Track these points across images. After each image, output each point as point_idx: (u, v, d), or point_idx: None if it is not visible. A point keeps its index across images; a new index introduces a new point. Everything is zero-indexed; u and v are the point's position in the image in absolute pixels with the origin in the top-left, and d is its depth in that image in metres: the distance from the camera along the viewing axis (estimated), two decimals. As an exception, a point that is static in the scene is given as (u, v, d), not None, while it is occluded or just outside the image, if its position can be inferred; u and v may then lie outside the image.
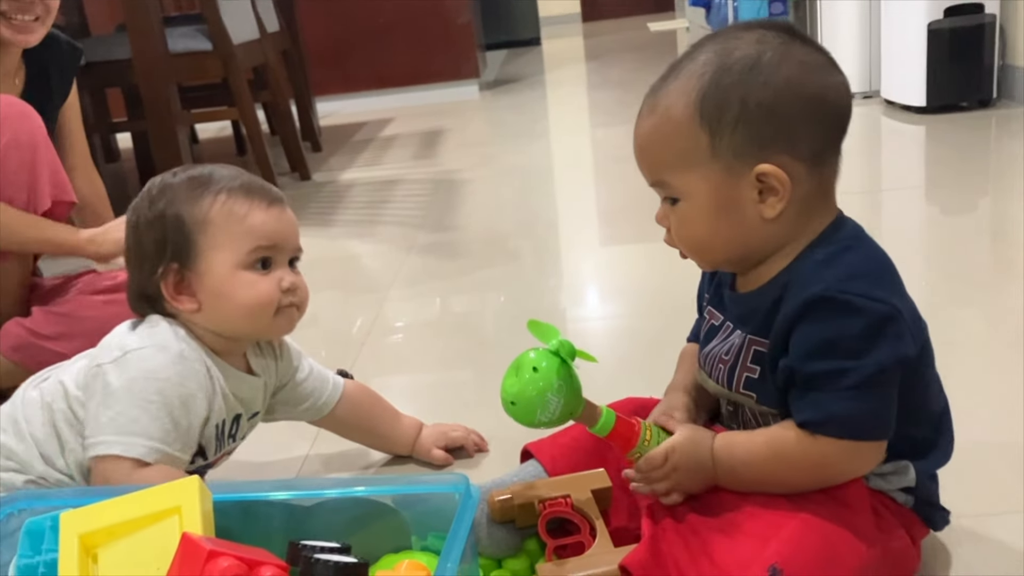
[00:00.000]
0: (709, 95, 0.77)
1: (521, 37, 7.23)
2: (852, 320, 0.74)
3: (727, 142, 0.77)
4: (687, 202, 0.80)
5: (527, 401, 0.79)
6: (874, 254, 0.80)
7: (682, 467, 0.82)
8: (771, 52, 0.77)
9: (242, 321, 0.98)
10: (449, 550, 0.65)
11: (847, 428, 0.76)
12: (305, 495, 0.77)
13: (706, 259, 0.85)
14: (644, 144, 0.83)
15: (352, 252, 2.30)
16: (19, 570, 0.74)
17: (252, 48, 2.85)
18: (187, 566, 0.64)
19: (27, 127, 1.43)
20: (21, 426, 0.97)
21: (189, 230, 0.96)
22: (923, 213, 2.15)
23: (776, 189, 0.77)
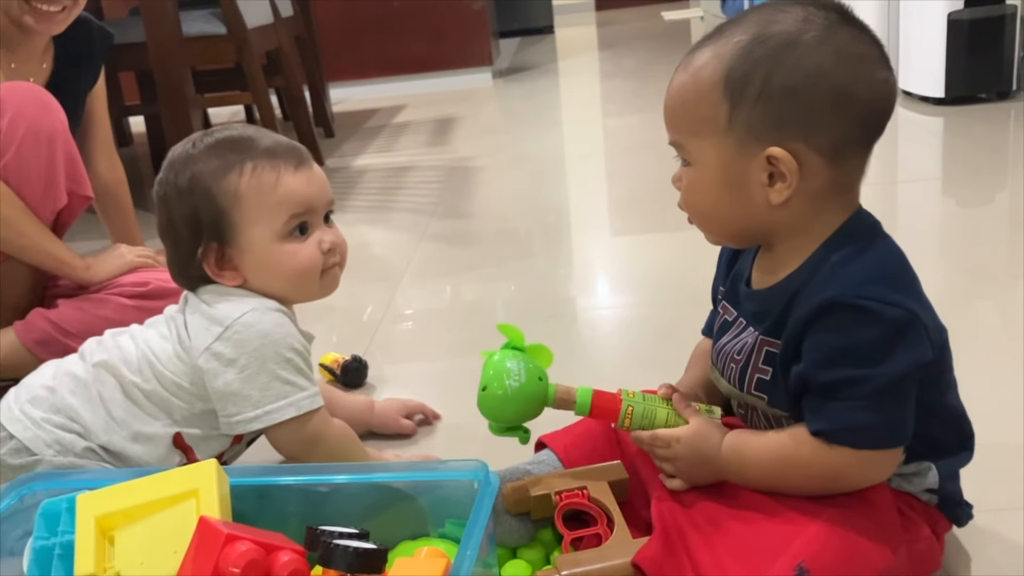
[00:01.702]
0: (738, 64, 0.74)
1: (534, 25, 7.19)
2: (868, 326, 0.72)
3: (744, 116, 0.74)
4: (696, 169, 0.79)
5: (493, 378, 0.83)
6: (891, 255, 0.77)
7: (684, 458, 0.82)
8: (813, 33, 0.73)
9: (290, 289, 1.00)
10: (469, 537, 0.64)
11: (864, 438, 0.74)
12: (322, 480, 0.77)
13: (710, 230, 0.84)
14: (671, 102, 0.80)
15: (365, 238, 2.29)
16: (35, 552, 0.74)
17: (266, 32, 2.84)
18: (204, 549, 0.64)
19: (47, 118, 1.42)
20: (92, 391, 0.98)
21: (221, 206, 0.96)
22: (940, 205, 2.13)
23: (785, 176, 0.74)
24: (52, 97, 1.47)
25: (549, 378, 0.87)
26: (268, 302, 0.98)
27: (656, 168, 2.66)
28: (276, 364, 0.94)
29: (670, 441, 0.83)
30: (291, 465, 0.82)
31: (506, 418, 0.85)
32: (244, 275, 0.98)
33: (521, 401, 0.84)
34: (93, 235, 2.06)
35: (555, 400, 0.86)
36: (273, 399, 0.94)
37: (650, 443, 0.84)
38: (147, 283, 1.51)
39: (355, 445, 1.02)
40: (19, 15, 1.55)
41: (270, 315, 0.96)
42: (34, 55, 1.67)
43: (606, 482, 0.89)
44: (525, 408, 0.85)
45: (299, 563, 0.65)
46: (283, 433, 0.95)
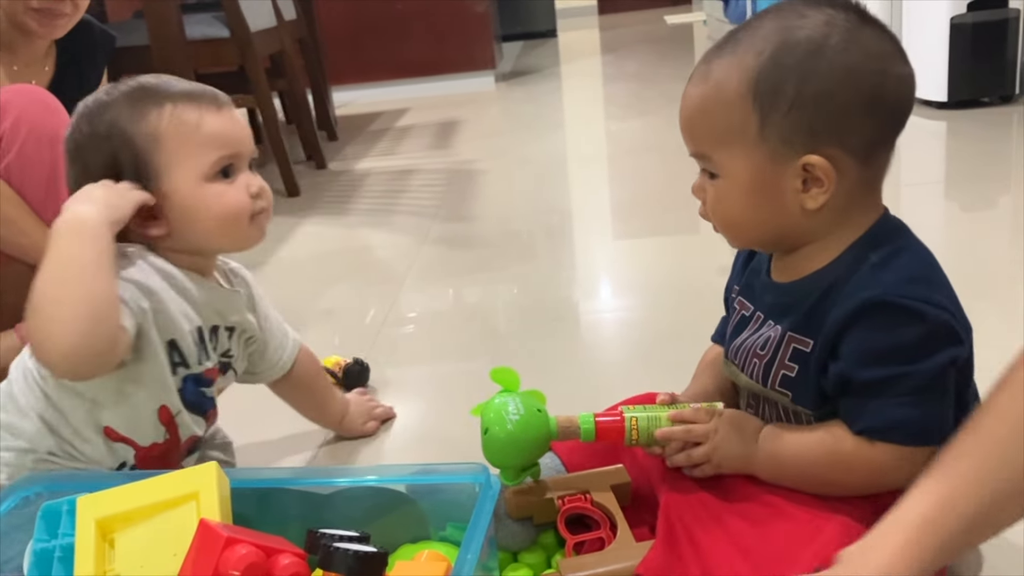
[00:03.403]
0: (766, 74, 0.73)
1: (537, 29, 7.21)
2: (911, 326, 0.72)
3: (777, 126, 0.74)
4: (726, 180, 0.78)
5: (491, 420, 0.83)
6: (925, 255, 0.78)
7: (723, 432, 0.81)
8: (838, 36, 0.73)
9: (217, 235, 0.95)
10: (470, 541, 0.64)
11: (907, 435, 0.74)
12: (323, 483, 0.77)
13: (737, 238, 0.83)
14: (691, 113, 0.79)
15: (368, 242, 2.29)
16: (35, 554, 0.74)
17: (269, 36, 2.85)
18: (204, 552, 0.64)
19: (50, 120, 1.42)
20: (19, 401, 0.93)
21: (141, 149, 0.91)
22: (942, 209, 2.13)
23: (821, 181, 0.74)
24: (55, 99, 1.47)
25: (548, 412, 0.86)
26: (153, 280, 0.91)
27: (659, 171, 2.67)
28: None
29: (712, 413, 0.82)
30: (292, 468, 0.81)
31: (514, 457, 0.83)
32: (169, 225, 0.93)
33: (524, 435, 0.82)
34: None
35: (559, 431, 0.85)
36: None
37: (691, 418, 0.83)
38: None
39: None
40: (21, 18, 1.55)
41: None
42: (36, 58, 1.67)
43: (609, 486, 0.89)
44: (530, 443, 0.83)
45: (299, 566, 0.65)
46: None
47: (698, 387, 0.94)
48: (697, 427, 0.83)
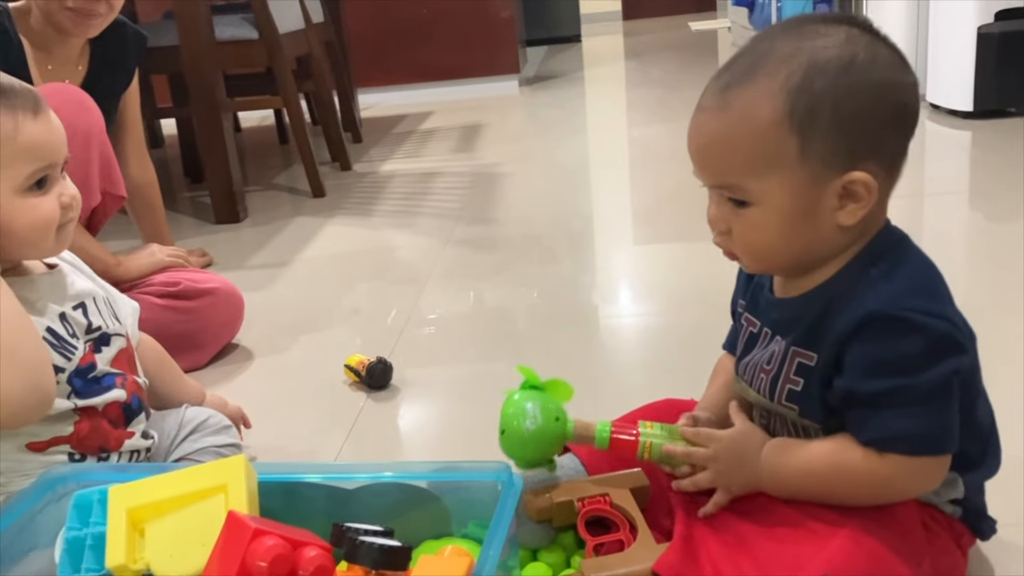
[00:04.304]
0: (802, 98, 0.72)
1: (562, 34, 7.21)
2: (913, 337, 0.72)
3: (817, 148, 0.73)
4: (760, 207, 0.76)
5: (511, 419, 0.84)
6: (927, 267, 0.78)
7: (724, 459, 0.81)
8: (862, 53, 0.73)
9: (24, 248, 0.91)
10: (492, 538, 0.65)
11: (916, 444, 0.74)
12: (348, 478, 0.78)
13: (764, 265, 0.82)
14: (713, 143, 0.76)
15: (392, 243, 2.31)
16: (67, 542, 0.75)
17: (297, 38, 2.87)
18: (232, 543, 0.65)
19: (84, 117, 1.45)
20: None
21: None
22: (967, 219, 2.11)
23: (861, 196, 0.74)
24: (89, 98, 1.50)
25: (568, 414, 0.87)
26: None
27: (681, 177, 2.64)
28: None
29: (711, 439, 0.82)
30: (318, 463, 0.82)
31: (526, 457, 0.86)
32: None
33: (539, 442, 0.84)
34: (124, 235, 2.09)
35: (576, 436, 0.86)
36: None
37: (691, 440, 0.83)
38: (178, 283, 1.53)
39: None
40: (57, 17, 1.58)
41: None
42: (70, 57, 1.70)
43: (628, 489, 0.89)
44: (544, 448, 0.85)
45: (325, 559, 0.66)
46: None
47: (713, 397, 0.94)
48: (698, 452, 0.83)
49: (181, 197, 2.97)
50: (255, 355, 1.59)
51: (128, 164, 1.79)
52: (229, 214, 2.51)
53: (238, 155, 2.60)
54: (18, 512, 0.79)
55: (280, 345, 1.62)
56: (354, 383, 1.41)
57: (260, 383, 1.49)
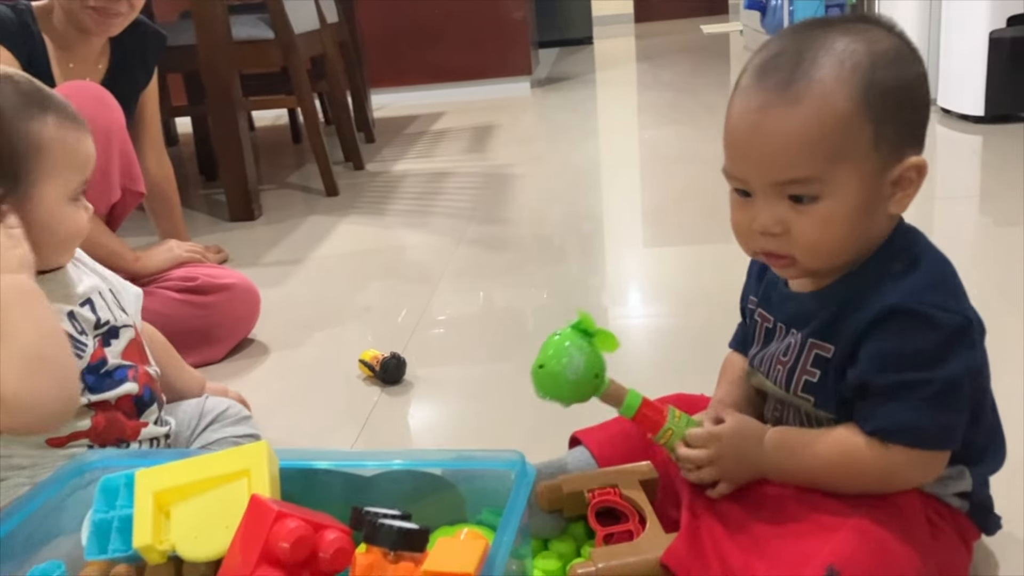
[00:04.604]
0: (872, 86, 0.73)
1: (574, 36, 7.24)
2: (929, 332, 0.74)
3: (888, 134, 0.74)
4: (831, 200, 0.75)
5: (552, 358, 0.83)
6: (942, 261, 0.80)
7: (726, 454, 0.83)
8: (904, 46, 0.77)
9: (58, 254, 0.96)
10: (506, 523, 0.67)
11: (921, 438, 0.76)
12: (366, 465, 0.80)
13: (823, 262, 0.79)
14: (784, 138, 0.74)
15: (404, 242, 2.33)
16: (94, 524, 0.78)
17: (312, 38, 2.90)
18: (256, 525, 0.68)
19: (105, 115, 1.48)
20: None
21: (21, 150, 0.90)
22: (976, 223, 2.12)
23: (912, 182, 0.76)
24: (111, 95, 1.52)
25: (606, 372, 0.86)
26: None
27: (691, 180, 2.68)
28: None
29: (711, 439, 0.83)
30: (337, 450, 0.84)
31: (553, 396, 0.85)
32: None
33: (572, 391, 0.84)
34: (141, 232, 2.12)
35: (605, 396, 0.86)
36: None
37: (690, 444, 0.85)
38: (195, 278, 1.56)
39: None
40: (79, 16, 1.61)
41: None
42: (91, 56, 1.73)
43: (637, 481, 0.91)
44: (573, 396, 0.85)
45: (345, 541, 0.68)
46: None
47: (724, 396, 0.95)
48: (699, 454, 0.84)
49: (196, 195, 3.00)
50: (271, 350, 1.62)
51: (146, 160, 1.81)
52: (244, 212, 2.54)
53: (252, 154, 2.63)
54: (45, 496, 0.81)
55: (295, 340, 1.65)
56: (368, 378, 1.43)
57: (276, 377, 1.51)
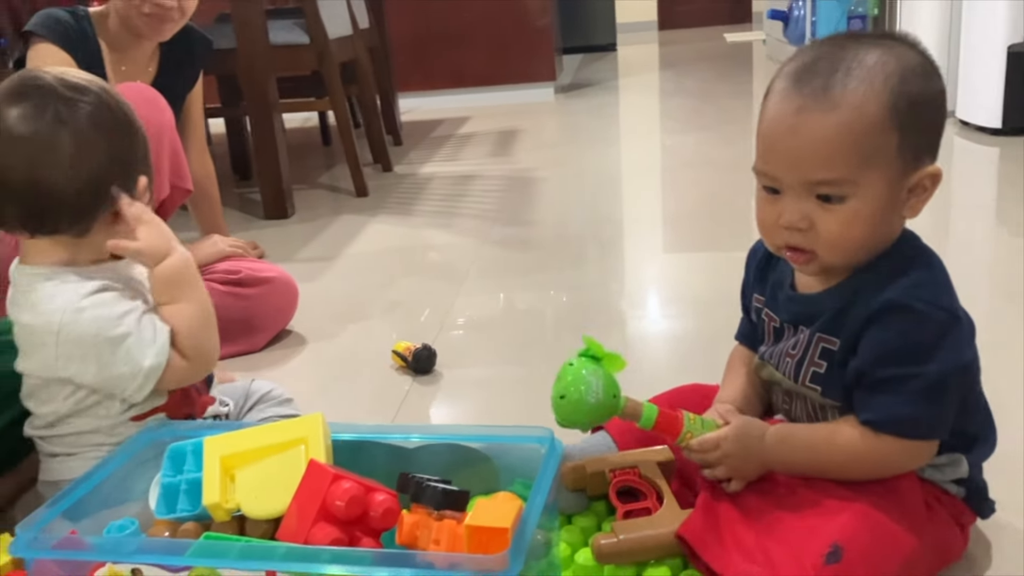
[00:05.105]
0: (901, 97, 0.80)
1: (598, 42, 7.31)
2: (922, 327, 0.81)
3: (911, 142, 0.81)
4: (857, 200, 0.81)
5: (571, 386, 0.88)
6: (937, 264, 0.86)
7: (733, 454, 0.89)
8: (928, 62, 0.83)
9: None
10: (538, 488, 0.75)
11: (910, 429, 0.83)
12: (410, 438, 0.88)
13: (842, 259, 0.85)
14: (819, 139, 0.80)
15: (432, 242, 2.41)
16: (163, 487, 0.86)
17: (344, 43, 2.98)
18: (313, 486, 0.76)
19: (156, 115, 1.56)
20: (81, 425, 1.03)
21: (144, 155, 1.04)
22: (992, 233, 2.17)
23: (926, 189, 0.83)
24: (162, 97, 1.61)
25: (621, 391, 0.92)
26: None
27: (712, 186, 2.74)
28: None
29: (717, 442, 0.90)
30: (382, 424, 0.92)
31: (577, 423, 0.91)
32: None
33: (594, 414, 0.90)
34: (181, 228, 2.20)
35: (623, 414, 0.92)
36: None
37: (699, 450, 0.91)
38: (239, 271, 1.65)
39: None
40: (135, 22, 1.70)
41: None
42: (143, 59, 1.82)
43: (655, 463, 0.98)
44: (595, 418, 0.91)
45: (392, 503, 0.76)
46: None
47: (733, 389, 1.01)
48: (708, 457, 0.90)
49: (229, 193, 3.09)
50: (308, 340, 1.70)
51: (190, 159, 1.90)
52: (278, 210, 2.63)
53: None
54: (118, 463, 0.89)
55: (330, 332, 1.73)
56: (400, 368, 1.51)
57: (313, 366, 1.59)
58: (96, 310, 0.96)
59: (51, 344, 0.96)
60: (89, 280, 0.98)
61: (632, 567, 0.88)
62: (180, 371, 0.99)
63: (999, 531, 0.96)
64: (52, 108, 0.95)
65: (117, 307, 0.97)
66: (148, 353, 0.96)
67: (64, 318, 0.95)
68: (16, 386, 1.03)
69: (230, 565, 0.71)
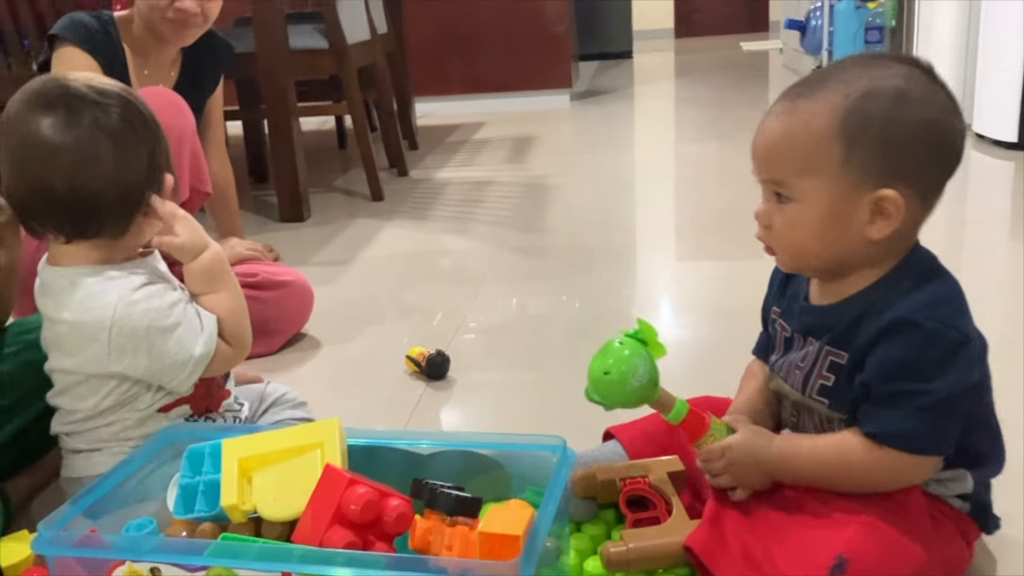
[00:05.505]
0: (855, 113, 0.82)
1: (614, 50, 7.32)
2: (931, 345, 0.81)
3: (859, 159, 0.82)
4: (801, 205, 0.85)
5: (615, 366, 0.89)
6: (952, 284, 0.87)
7: (738, 462, 0.90)
8: (918, 90, 0.83)
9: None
10: (550, 496, 0.76)
11: (913, 444, 0.83)
12: (423, 444, 0.90)
13: (799, 262, 0.90)
14: (773, 143, 0.87)
15: (447, 247, 2.43)
16: (181, 488, 0.87)
17: (362, 48, 3.00)
18: (329, 490, 0.77)
19: (177, 119, 1.58)
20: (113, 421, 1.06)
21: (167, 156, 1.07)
22: (1006, 247, 2.16)
23: (890, 214, 0.83)
24: (183, 101, 1.63)
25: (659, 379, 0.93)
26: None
27: (726, 196, 2.75)
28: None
29: (723, 451, 0.91)
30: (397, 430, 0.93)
31: (610, 402, 0.92)
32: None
33: (633, 397, 0.91)
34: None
35: (656, 402, 0.93)
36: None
37: (705, 458, 0.93)
38: (256, 274, 1.66)
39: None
40: (159, 27, 1.73)
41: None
42: (165, 63, 1.85)
43: (665, 473, 1.00)
44: (631, 401, 0.91)
45: (406, 508, 0.77)
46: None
47: (744, 401, 1.02)
48: (715, 466, 0.92)
49: (245, 195, 3.12)
50: (323, 344, 1.72)
51: (209, 162, 1.92)
52: (294, 213, 2.66)
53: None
54: (137, 464, 0.91)
55: (345, 335, 1.75)
56: (414, 373, 1.53)
57: (327, 369, 1.61)
58: (148, 302, 0.99)
59: (103, 340, 0.98)
60: (133, 275, 1.01)
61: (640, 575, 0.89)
62: (225, 357, 1.05)
63: (1004, 546, 0.97)
64: (89, 114, 0.97)
65: (165, 299, 1.01)
66: (199, 342, 1.01)
67: (117, 313, 0.98)
68: (38, 384, 1.05)
69: (247, 566, 0.72)
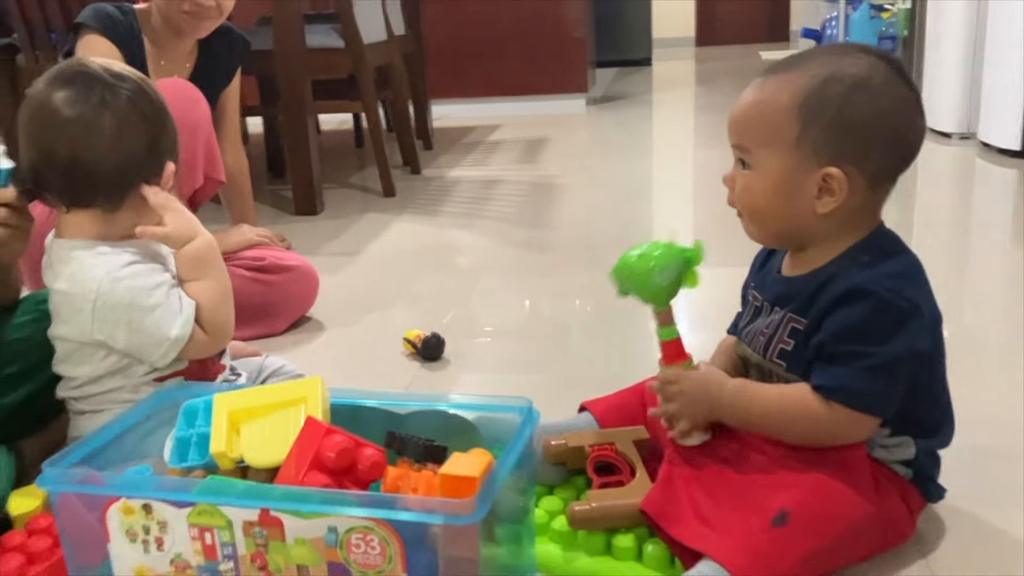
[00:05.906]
0: (813, 95, 0.90)
1: (633, 56, 7.36)
2: (882, 312, 0.88)
3: (812, 138, 0.90)
4: (757, 172, 0.95)
5: (652, 260, 0.98)
6: (911, 260, 0.94)
7: (689, 393, 0.97)
8: (879, 80, 0.90)
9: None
10: (512, 446, 0.82)
11: (855, 400, 0.89)
12: (402, 404, 0.96)
13: (757, 226, 0.99)
14: (743, 113, 0.96)
15: (454, 242, 2.49)
16: (176, 440, 0.94)
17: (379, 49, 3.08)
18: (309, 439, 0.83)
19: (193, 110, 1.66)
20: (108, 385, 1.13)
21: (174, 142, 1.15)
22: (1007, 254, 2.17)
23: (834, 192, 0.91)
24: (199, 92, 1.71)
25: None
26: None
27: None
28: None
29: (680, 377, 0.98)
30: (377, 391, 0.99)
31: (624, 286, 1.01)
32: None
33: (647, 291, 0.99)
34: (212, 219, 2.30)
35: (661, 312, 1.01)
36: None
37: (663, 379, 1.00)
38: (264, 258, 1.74)
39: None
40: (176, 20, 1.81)
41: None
42: (181, 55, 1.93)
43: (631, 441, 1.06)
44: (643, 295, 1.00)
45: (379, 457, 0.83)
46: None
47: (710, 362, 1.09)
48: (668, 389, 0.99)
49: (263, 189, 3.20)
50: (325, 327, 1.79)
51: (224, 153, 2.00)
52: (308, 207, 2.74)
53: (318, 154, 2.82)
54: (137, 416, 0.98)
55: (347, 320, 1.82)
56: (411, 354, 1.59)
57: (328, 349, 1.68)
58: (131, 280, 1.06)
59: (88, 310, 1.06)
60: (124, 252, 1.08)
61: (603, 533, 0.95)
62: (200, 343, 1.10)
63: (953, 516, 1.02)
64: (99, 92, 1.06)
65: (150, 279, 1.07)
66: (175, 324, 1.07)
67: (102, 287, 1.05)
68: (48, 354, 1.13)
69: (232, 502, 0.79)
